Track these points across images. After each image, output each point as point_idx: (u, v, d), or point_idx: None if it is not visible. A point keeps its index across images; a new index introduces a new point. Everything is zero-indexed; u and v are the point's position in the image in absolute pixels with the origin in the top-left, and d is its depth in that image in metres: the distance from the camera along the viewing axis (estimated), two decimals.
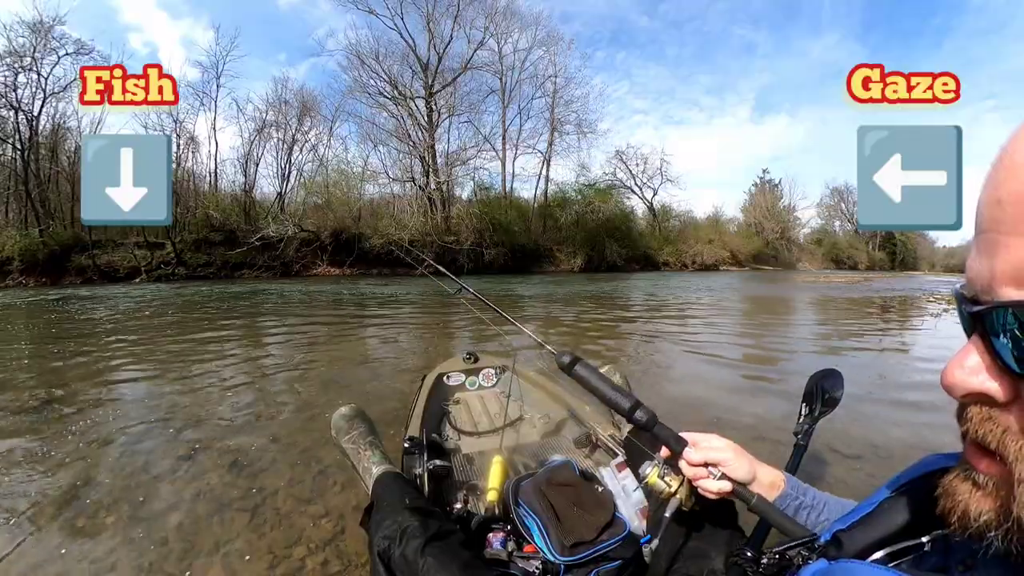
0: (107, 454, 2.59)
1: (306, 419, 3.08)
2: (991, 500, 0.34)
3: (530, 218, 37.48)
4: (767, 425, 3.03)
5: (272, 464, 2.48)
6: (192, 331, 6.73)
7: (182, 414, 3.20)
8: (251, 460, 2.53)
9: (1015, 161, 0.30)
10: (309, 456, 2.55)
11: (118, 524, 1.95)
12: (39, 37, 24.14)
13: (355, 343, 5.81)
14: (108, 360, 4.78)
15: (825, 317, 9.12)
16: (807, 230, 64.58)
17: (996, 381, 0.32)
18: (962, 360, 0.34)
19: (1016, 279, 0.30)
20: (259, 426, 3.00)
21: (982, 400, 0.33)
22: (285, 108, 32.72)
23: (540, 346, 1.27)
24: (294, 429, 2.93)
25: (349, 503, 2.08)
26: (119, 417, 3.13)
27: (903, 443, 2.78)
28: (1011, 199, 0.29)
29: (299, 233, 27.13)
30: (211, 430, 2.94)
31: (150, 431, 2.92)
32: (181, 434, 2.87)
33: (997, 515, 0.34)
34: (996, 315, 0.31)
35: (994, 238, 0.31)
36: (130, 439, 2.79)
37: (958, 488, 0.37)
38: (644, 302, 11.75)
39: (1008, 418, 0.32)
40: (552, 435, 2.10)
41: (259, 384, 3.88)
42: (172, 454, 2.60)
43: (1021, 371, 0.30)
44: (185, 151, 29.80)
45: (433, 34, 33.97)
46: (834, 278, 27.70)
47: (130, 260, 23.23)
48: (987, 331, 0.31)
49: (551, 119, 39.61)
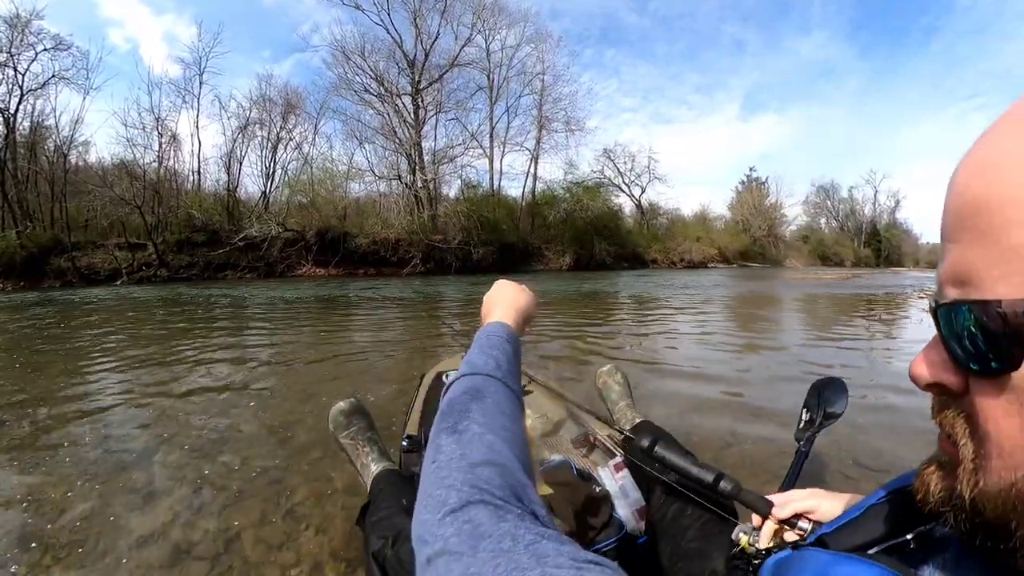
0: (47, 487, 2.36)
1: (276, 442, 2.84)
2: (946, 479, 0.38)
3: (518, 216, 37.38)
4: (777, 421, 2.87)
5: (238, 498, 2.25)
6: (158, 340, 6.47)
7: (140, 435, 2.96)
8: (216, 491, 2.30)
9: (955, 176, 0.34)
10: (280, 487, 2.33)
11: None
12: (16, 32, 23.59)
13: (335, 348, 5.58)
14: (58, 368, 4.52)
15: (824, 315, 9.04)
16: (793, 227, 65.24)
17: (949, 373, 0.35)
18: (926, 354, 0.37)
19: (954, 280, 0.33)
20: (226, 447, 2.76)
21: (941, 391, 0.37)
22: (269, 105, 32.35)
23: (609, 425, 1.33)
24: (263, 452, 2.70)
25: (324, 549, 1.86)
26: (58, 438, 2.89)
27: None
28: (949, 210, 0.34)
29: (283, 233, 26.75)
30: (172, 455, 2.70)
31: (106, 456, 2.68)
32: (140, 460, 2.64)
33: (948, 494, 0.38)
34: (943, 313, 0.34)
35: (943, 245, 0.35)
36: (79, 466, 2.55)
37: (926, 470, 0.41)
38: (636, 300, 11.62)
39: (960, 406, 0.36)
40: (550, 435, 2.06)
41: (226, 397, 3.64)
42: (127, 484, 2.36)
43: (966, 365, 0.33)
44: (167, 149, 29.31)
45: (420, 30, 33.69)
46: (822, 275, 27.81)
47: (111, 262, 22.73)
48: (940, 328, 0.35)
49: (539, 116, 39.53)
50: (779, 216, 60.20)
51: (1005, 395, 0.32)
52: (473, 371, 0.63)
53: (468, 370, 0.64)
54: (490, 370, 0.63)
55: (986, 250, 0.31)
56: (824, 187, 69.92)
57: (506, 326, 0.75)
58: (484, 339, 0.71)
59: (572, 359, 4.98)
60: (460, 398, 0.58)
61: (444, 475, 0.46)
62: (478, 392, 0.59)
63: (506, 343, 0.71)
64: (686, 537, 1.07)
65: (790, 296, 13.43)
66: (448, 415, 0.55)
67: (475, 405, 0.56)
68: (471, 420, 0.53)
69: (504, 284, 0.89)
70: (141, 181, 26.23)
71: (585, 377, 3.94)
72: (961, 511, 0.36)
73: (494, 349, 0.68)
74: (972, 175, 0.32)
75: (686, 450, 1.46)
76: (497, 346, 0.69)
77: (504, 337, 0.72)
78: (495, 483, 0.45)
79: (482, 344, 0.70)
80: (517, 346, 0.74)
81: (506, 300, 0.84)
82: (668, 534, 1.12)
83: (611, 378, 2.26)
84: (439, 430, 0.53)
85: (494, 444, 0.50)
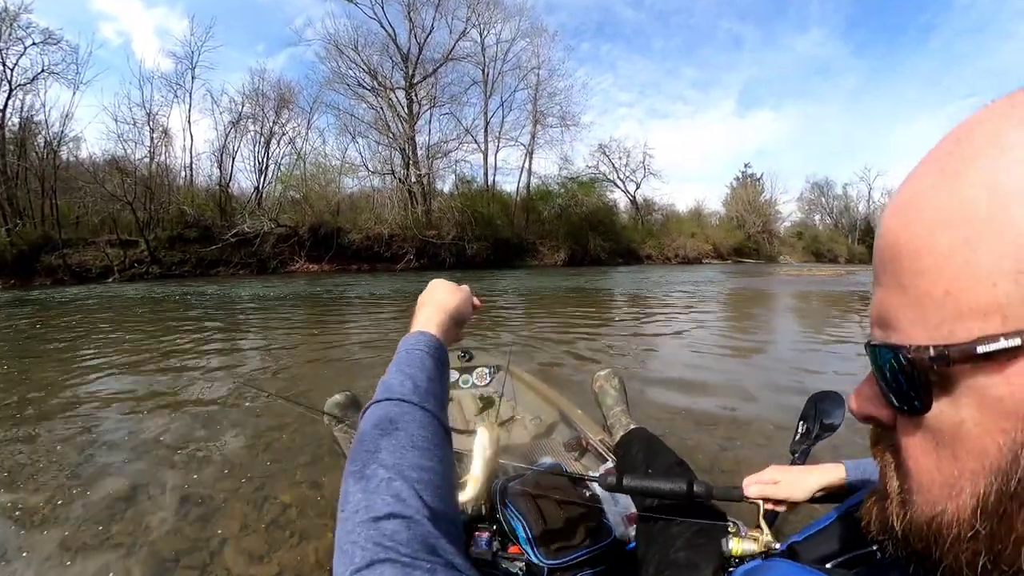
0: (30, 489, 2.35)
1: (262, 447, 2.84)
2: (883, 511, 0.38)
3: (513, 211, 37.29)
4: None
5: (224, 504, 2.25)
6: (149, 340, 6.44)
7: (128, 438, 2.95)
8: (203, 498, 2.30)
9: (880, 220, 0.35)
10: (264, 495, 2.33)
11: None
12: (4, 26, 23.34)
13: (325, 351, 5.57)
14: (39, 369, 4.49)
15: (819, 315, 9.07)
16: (788, 224, 65.46)
17: (881, 408, 0.36)
18: (861, 388, 0.38)
19: (879, 322, 0.34)
20: (213, 453, 2.76)
21: (875, 423, 0.38)
22: (262, 100, 32.10)
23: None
24: (250, 458, 2.71)
25: (307, 559, 1.87)
26: (42, 439, 2.88)
27: None
28: (876, 252, 0.35)
29: (276, 228, 26.62)
30: (159, 459, 2.70)
31: (92, 457, 2.67)
32: (128, 463, 2.64)
33: (883, 524, 0.38)
34: (871, 351, 0.35)
35: (872, 286, 0.36)
36: (63, 469, 2.54)
37: (868, 500, 0.41)
38: (635, 298, 11.64)
39: (891, 440, 0.37)
40: (543, 437, 2.12)
41: (214, 403, 3.64)
42: (114, 487, 2.37)
43: (889, 400, 0.34)
44: (159, 145, 29.06)
45: (414, 23, 33.53)
46: (817, 272, 27.93)
47: (102, 259, 22.58)
48: (872, 365, 0.36)
49: (534, 111, 39.40)
50: (773, 212, 60.30)
51: (921, 433, 0.33)
52: (387, 395, 0.59)
53: (382, 394, 0.60)
54: (405, 393, 0.59)
55: (902, 295, 0.31)
56: (819, 184, 70.14)
57: (427, 336, 0.70)
58: (404, 355, 0.67)
59: (570, 358, 5.00)
60: (370, 433, 0.55)
61: (350, 529, 0.45)
62: (390, 424, 0.55)
63: (427, 357, 0.66)
64: (675, 547, 1.07)
65: (786, 293, 13.49)
66: (357, 456, 0.52)
67: (384, 442, 0.53)
68: (378, 463, 0.50)
69: (436, 284, 0.84)
70: (132, 177, 26.03)
71: (583, 379, 3.96)
72: (893, 540, 0.37)
73: (412, 367, 0.64)
74: (893, 217, 0.33)
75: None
76: (416, 362, 0.65)
77: (424, 351, 0.67)
78: (401, 538, 0.43)
79: (400, 361, 0.66)
80: (441, 357, 0.69)
81: (435, 302, 0.78)
82: (657, 542, 1.12)
83: (608, 383, 2.25)
84: (348, 473, 0.51)
85: (401, 492, 0.47)
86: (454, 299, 0.80)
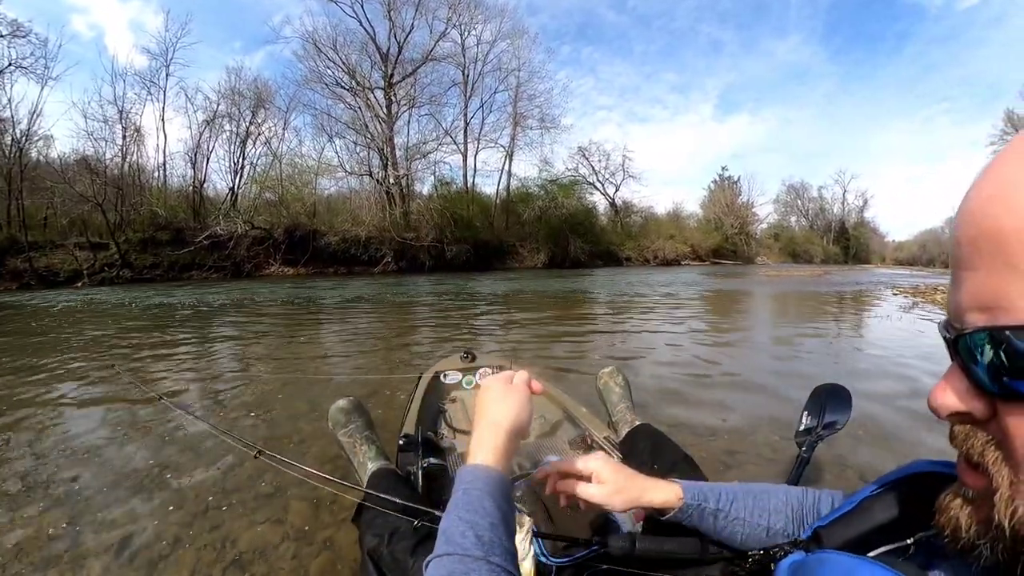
0: None
1: (221, 474, 2.73)
2: (979, 512, 0.37)
3: (492, 213, 37.29)
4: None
5: (174, 548, 2.14)
6: (100, 351, 6.28)
7: (60, 469, 2.84)
8: (146, 542, 2.19)
9: (967, 207, 0.35)
10: (221, 536, 2.22)
11: None
12: None
13: (297, 362, 5.47)
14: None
15: (810, 314, 9.17)
16: (765, 225, 66.63)
17: (974, 400, 0.35)
18: (945, 384, 0.37)
19: (977, 306, 0.34)
20: (159, 486, 2.64)
21: (965, 419, 0.37)
22: (238, 99, 31.59)
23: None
24: (204, 490, 2.57)
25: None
26: None
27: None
28: (964, 240, 0.34)
29: (251, 231, 26.22)
30: (95, 493, 2.54)
31: (30, 493, 2.56)
32: (55, 505, 2.52)
33: (984, 526, 0.37)
34: (965, 340, 0.34)
35: (958, 275, 0.35)
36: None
37: (951, 504, 0.40)
38: (618, 300, 11.66)
39: (987, 433, 0.36)
40: (548, 436, 2.14)
41: (166, 422, 3.53)
42: (40, 525, 2.26)
43: (992, 389, 0.34)
44: (131, 143, 28.43)
45: (394, 23, 33.35)
46: (794, 272, 28.36)
47: (71, 263, 21.97)
48: (961, 356, 0.35)
49: (514, 113, 39.59)
50: (751, 214, 61.31)
51: None
52: (450, 550, 0.55)
53: (443, 548, 0.56)
54: (468, 547, 0.55)
55: (1013, 274, 0.31)
56: (794, 186, 71.84)
57: (484, 471, 0.65)
58: (461, 496, 0.62)
59: (570, 359, 4.95)
60: None
61: None
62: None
63: (486, 498, 0.61)
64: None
65: (768, 294, 13.62)
66: None
67: None
68: None
69: (490, 389, 0.76)
70: (103, 177, 25.39)
71: (584, 379, 3.94)
72: (1000, 541, 0.35)
73: (471, 511, 0.59)
74: (990, 206, 0.33)
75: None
76: (476, 506, 0.60)
77: (484, 490, 0.62)
78: None
79: (458, 504, 0.61)
80: (503, 492, 0.64)
81: (489, 418, 0.72)
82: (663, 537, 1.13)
83: (612, 379, 2.24)
84: None
85: None
86: (510, 410, 0.73)
